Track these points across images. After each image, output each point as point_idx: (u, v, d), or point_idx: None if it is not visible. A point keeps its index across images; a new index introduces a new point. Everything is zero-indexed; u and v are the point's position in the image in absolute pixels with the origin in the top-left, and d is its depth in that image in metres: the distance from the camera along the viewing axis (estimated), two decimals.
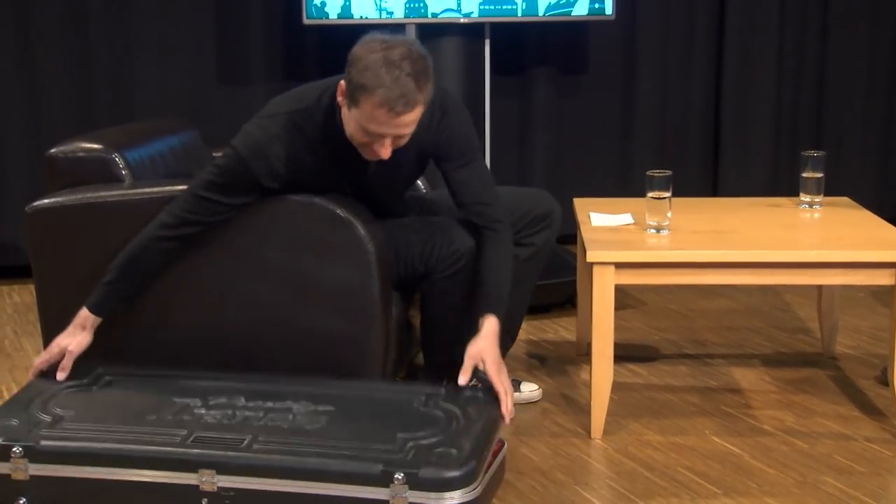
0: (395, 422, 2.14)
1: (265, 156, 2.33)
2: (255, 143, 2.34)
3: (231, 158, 2.36)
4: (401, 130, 2.25)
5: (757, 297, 3.80)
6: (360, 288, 2.40)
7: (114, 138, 2.64)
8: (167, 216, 2.38)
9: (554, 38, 4.37)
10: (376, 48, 2.20)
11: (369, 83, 2.17)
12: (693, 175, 4.56)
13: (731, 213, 2.95)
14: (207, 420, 2.18)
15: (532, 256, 2.68)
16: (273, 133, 2.34)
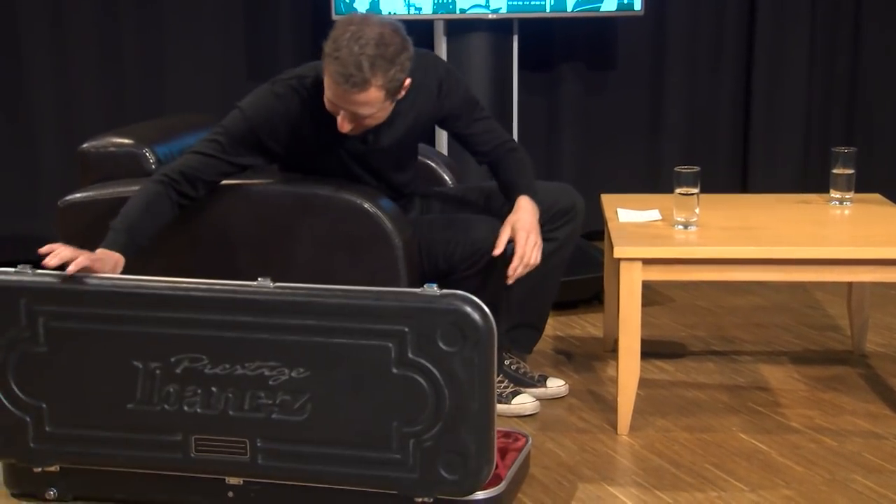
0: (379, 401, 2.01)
1: (269, 116, 2.38)
2: (259, 103, 2.40)
3: (235, 118, 2.40)
4: (356, 108, 2.27)
5: (786, 294, 3.76)
6: (387, 283, 2.40)
7: (144, 133, 2.66)
8: (167, 169, 2.36)
9: (582, 34, 4.35)
10: (354, 21, 2.26)
11: (330, 54, 2.23)
12: (722, 171, 4.53)
13: (760, 209, 2.93)
14: (186, 410, 2.08)
15: (556, 251, 2.68)
16: (279, 94, 2.39)
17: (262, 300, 2.05)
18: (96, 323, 2.10)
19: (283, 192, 2.47)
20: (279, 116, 2.38)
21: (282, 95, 2.39)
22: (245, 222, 2.43)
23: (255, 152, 2.41)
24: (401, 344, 2.01)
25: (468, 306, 1.99)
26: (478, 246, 2.45)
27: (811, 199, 3.04)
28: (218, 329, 2.06)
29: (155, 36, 4.06)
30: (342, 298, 2.04)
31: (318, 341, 2.04)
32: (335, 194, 2.41)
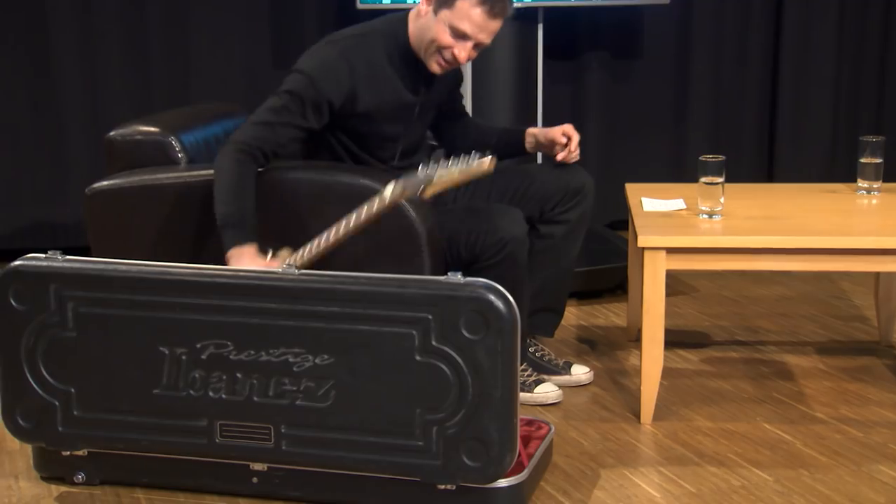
0: (403, 388, 2.03)
1: (334, 72, 2.44)
2: (322, 62, 2.46)
3: (300, 81, 2.43)
4: (486, 37, 2.46)
5: (812, 284, 3.74)
6: (410, 271, 2.40)
7: (170, 122, 2.68)
8: (242, 143, 2.37)
9: (608, 23, 4.33)
10: None
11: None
12: (748, 161, 4.51)
13: (786, 198, 2.91)
14: (212, 395, 2.10)
15: (568, 234, 2.70)
16: (340, 50, 2.47)
17: (286, 287, 2.07)
18: (124, 308, 2.12)
19: (307, 179, 2.48)
20: (343, 74, 2.44)
21: (344, 52, 2.46)
22: (269, 210, 2.44)
23: (322, 112, 2.45)
24: (424, 331, 2.02)
25: (492, 294, 2.00)
26: (500, 235, 2.46)
27: (838, 189, 3.01)
28: (243, 315, 2.08)
29: (181, 25, 4.08)
30: (366, 286, 2.05)
31: (342, 328, 2.05)
32: (358, 181, 2.42)
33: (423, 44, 2.49)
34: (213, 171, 2.38)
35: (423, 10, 2.49)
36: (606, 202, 4.37)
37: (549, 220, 2.68)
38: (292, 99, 2.43)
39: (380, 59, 2.50)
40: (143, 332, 2.12)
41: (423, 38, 2.48)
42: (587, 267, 3.56)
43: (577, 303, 3.54)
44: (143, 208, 2.50)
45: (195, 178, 2.49)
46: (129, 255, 2.47)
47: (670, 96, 4.49)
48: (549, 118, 4.15)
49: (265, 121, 2.43)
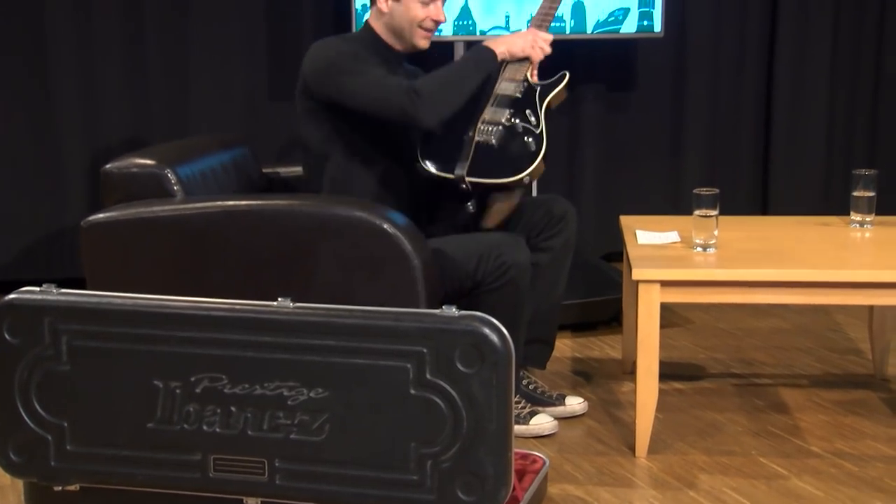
0: (397, 422, 2.03)
1: (343, 46, 2.63)
2: (329, 44, 2.65)
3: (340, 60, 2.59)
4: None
5: (807, 316, 3.75)
6: (405, 303, 2.41)
7: (166, 154, 2.69)
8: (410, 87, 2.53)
9: (603, 55, 4.36)
10: None
11: None
12: (743, 193, 4.53)
13: (780, 231, 2.93)
14: (206, 429, 2.10)
15: (554, 261, 2.73)
16: (337, 41, 2.67)
17: (282, 320, 2.07)
18: (118, 342, 2.12)
19: (302, 212, 2.49)
20: (353, 50, 2.61)
21: (341, 43, 2.65)
22: (265, 243, 2.45)
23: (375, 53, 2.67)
24: (419, 365, 2.02)
25: (486, 328, 2.00)
26: (503, 259, 2.50)
27: (832, 222, 3.03)
28: (238, 349, 2.08)
29: (179, 57, 4.11)
30: (361, 319, 2.06)
31: (336, 362, 2.05)
32: (353, 214, 2.43)
33: (404, 30, 2.67)
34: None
35: (383, 7, 2.66)
36: (601, 234, 4.39)
37: (534, 248, 2.70)
38: (355, 65, 2.58)
39: (368, 53, 2.65)
40: (138, 365, 2.12)
41: (401, 25, 2.66)
42: (582, 299, 3.57)
43: (572, 335, 3.54)
44: (138, 241, 2.51)
45: (190, 210, 2.50)
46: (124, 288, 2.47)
47: (665, 128, 4.51)
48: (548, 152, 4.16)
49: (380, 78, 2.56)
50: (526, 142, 2.55)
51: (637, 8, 3.87)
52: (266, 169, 3.08)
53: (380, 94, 2.54)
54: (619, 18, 3.87)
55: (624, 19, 3.87)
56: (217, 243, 2.48)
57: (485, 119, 2.64)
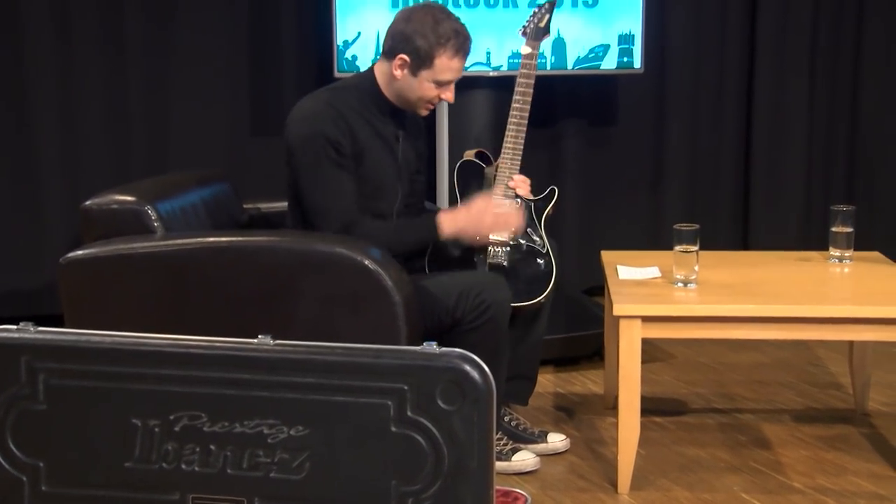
0: (378, 456, 2.01)
1: (328, 116, 2.55)
2: (312, 114, 2.57)
3: (309, 145, 2.53)
4: (461, 72, 2.66)
5: (788, 350, 3.76)
6: (387, 340, 2.41)
7: (147, 190, 2.68)
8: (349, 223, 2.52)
9: (583, 91, 4.40)
10: (417, 17, 2.58)
11: (439, 42, 2.55)
12: (723, 228, 4.56)
13: (760, 266, 2.95)
14: (185, 468, 2.07)
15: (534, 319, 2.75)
16: (323, 100, 2.59)
17: (262, 357, 2.06)
18: (97, 380, 2.10)
19: (283, 248, 2.49)
20: (337, 115, 2.56)
21: (327, 101, 2.59)
22: (245, 279, 2.44)
23: (343, 152, 2.56)
24: (400, 402, 2.01)
25: (467, 364, 2.00)
26: (483, 297, 2.49)
27: (811, 257, 3.05)
28: (218, 386, 2.06)
29: (160, 92, 4.11)
30: (342, 356, 2.05)
31: (317, 399, 2.04)
32: (334, 250, 2.43)
33: (409, 100, 2.64)
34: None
35: (398, 74, 2.60)
36: (583, 269, 4.40)
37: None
38: (324, 161, 2.53)
39: (357, 105, 2.62)
40: (116, 404, 2.10)
41: (408, 97, 2.63)
42: (564, 334, 3.57)
43: (554, 370, 3.55)
44: (117, 278, 2.50)
45: (171, 246, 2.49)
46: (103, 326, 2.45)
47: (645, 163, 4.54)
48: None
49: (331, 197, 2.54)
50: (536, 263, 2.60)
51: (617, 44, 3.91)
52: (247, 204, 3.08)
53: (320, 207, 2.56)
54: (599, 55, 3.91)
55: (604, 55, 3.92)
56: (197, 280, 2.47)
57: None
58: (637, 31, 3.90)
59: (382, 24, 3.67)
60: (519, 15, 3.82)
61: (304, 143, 2.55)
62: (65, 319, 2.55)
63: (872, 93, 4.52)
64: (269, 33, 4.19)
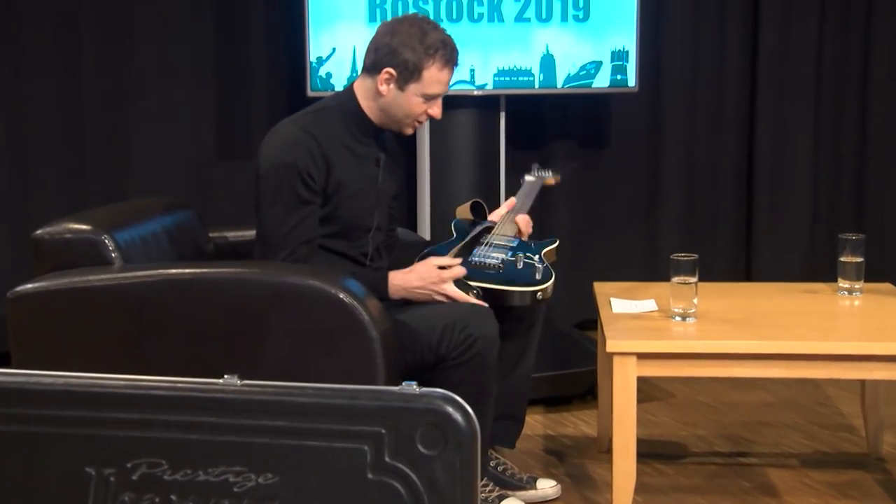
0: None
1: (302, 146, 2.55)
2: (286, 142, 2.57)
3: (278, 175, 2.54)
4: (448, 85, 2.69)
5: (795, 389, 3.77)
6: (363, 378, 2.40)
7: (103, 218, 2.67)
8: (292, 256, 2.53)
9: (574, 111, 4.43)
10: (402, 29, 2.61)
11: (427, 53, 2.58)
12: (724, 258, 4.58)
13: (764, 299, 2.96)
14: None
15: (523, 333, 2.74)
16: (300, 126, 2.60)
17: (228, 399, 2.05)
18: (47, 425, 2.08)
19: (251, 281, 2.48)
20: (313, 145, 2.56)
21: (305, 127, 2.59)
22: (210, 314, 2.43)
23: (311, 187, 2.56)
24: (377, 446, 2.00)
25: (449, 406, 1.99)
26: (469, 331, 2.49)
27: (818, 289, 3.07)
28: (180, 431, 2.05)
29: (118, 113, 4.12)
30: (314, 397, 2.04)
31: (288, 444, 2.03)
32: (307, 282, 2.42)
33: (395, 119, 2.66)
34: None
35: (383, 90, 2.62)
36: (574, 301, 4.41)
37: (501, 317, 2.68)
38: (287, 193, 2.54)
39: (340, 129, 2.63)
40: (68, 451, 2.08)
41: (394, 114, 2.65)
42: (554, 371, 3.58)
43: (545, 410, 3.54)
44: (71, 313, 2.48)
45: (129, 279, 2.48)
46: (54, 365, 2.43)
47: (641, 188, 4.57)
48: None
49: (287, 229, 2.54)
50: (535, 267, 2.59)
51: (610, 61, 3.95)
52: (213, 233, 3.08)
53: (270, 239, 2.57)
54: (590, 72, 3.95)
55: (596, 73, 3.95)
56: (158, 315, 2.46)
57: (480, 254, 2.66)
58: (631, 46, 3.94)
59: (359, 39, 3.71)
60: (505, 30, 3.86)
61: (273, 169, 2.56)
62: (12, 359, 2.53)
63: (882, 112, 4.56)
64: (237, 49, 4.21)
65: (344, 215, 2.62)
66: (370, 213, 2.68)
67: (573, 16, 3.91)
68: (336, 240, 2.64)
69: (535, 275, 2.57)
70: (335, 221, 2.62)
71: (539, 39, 3.89)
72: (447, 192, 3.92)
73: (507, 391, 2.75)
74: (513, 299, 2.57)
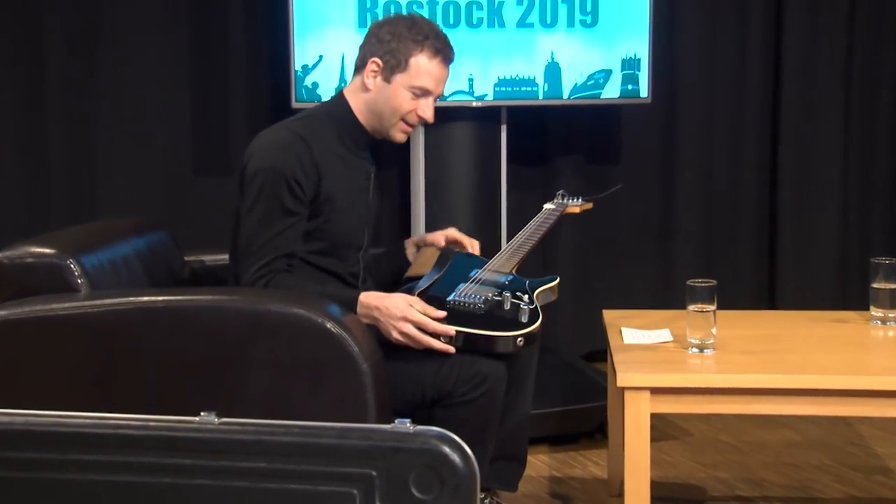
0: None
1: (293, 152, 2.58)
2: (277, 146, 2.60)
3: (267, 178, 2.56)
4: (442, 87, 2.71)
5: (825, 428, 3.78)
6: (352, 415, 2.41)
7: (69, 241, 2.68)
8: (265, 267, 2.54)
9: (581, 124, 4.45)
10: (392, 21, 2.68)
11: (415, 39, 2.62)
12: (745, 283, 4.59)
13: (789, 329, 2.97)
14: None
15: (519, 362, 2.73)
16: (292, 131, 2.63)
17: (205, 439, 2.05)
18: (6, 469, 2.08)
19: (231, 309, 2.49)
20: (303, 152, 2.59)
21: (297, 133, 2.61)
22: (186, 346, 2.44)
23: (298, 195, 2.58)
24: (367, 490, 2.00)
25: (446, 446, 2.00)
26: (478, 368, 2.49)
27: (849, 318, 3.08)
28: (152, 474, 2.05)
29: (85, 127, 4.13)
30: (299, 436, 2.04)
31: (270, 488, 2.03)
32: (291, 311, 2.43)
33: (382, 117, 2.68)
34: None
35: (370, 83, 2.66)
36: (581, 331, 4.42)
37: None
38: (274, 200, 2.55)
39: (331, 139, 2.66)
40: (30, 496, 2.08)
41: (381, 110, 2.67)
42: (560, 406, 3.58)
43: (550, 449, 3.55)
44: (33, 345, 2.49)
45: (97, 308, 2.49)
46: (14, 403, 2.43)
47: (654, 208, 4.58)
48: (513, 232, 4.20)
49: (267, 238, 2.55)
50: (521, 309, 2.54)
51: (620, 70, 3.97)
52: (189, 257, 3.09)
53: (244, 245, 2.59)
54: (599, 82, 3.97)
55: (605, 83, 3.97)
56: (129, 347, 2.46)
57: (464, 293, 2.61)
58: (644, 54, 3.96)
59: (348, 45, 3.74)
60: (506, 36, 3.89)
61: (258, 173, 2.58)
62: None
63: None
64: (215, 57, 4.23)
65: (334, 230, 2.63)
66: (360, 230, 2.69)
67: (580, 21, 3.94)
68: (326, 257, 2.65)
69: (519, 317, 2.53)
70: (324, 237, 2.63)
71: (543, 46, 3.91)
72: (443, 213, 3.93)
73: (506, 429, 2.75)
74: (492, 345, 2.50)
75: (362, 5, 3.83)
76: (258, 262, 2.55)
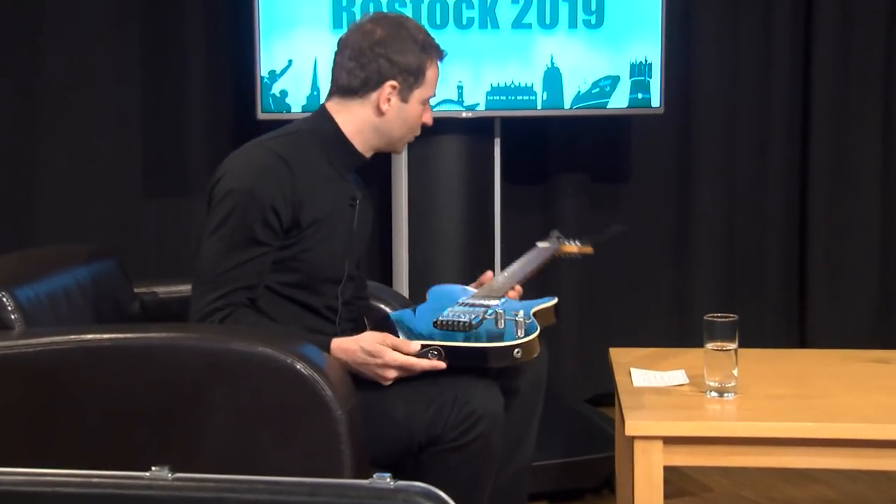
0: None
1: (272, 174, 2.58)
2: (255, 166, 2.60)
3: (240, 202, 2.56)
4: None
5: (862, 483, 3.78)
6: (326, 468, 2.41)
7: (1, 271, 2.68)
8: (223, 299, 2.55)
9: (585, 137, 4.46)
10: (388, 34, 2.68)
11: (424, 50, 2.69)
12: (771, 319, 4.60)
13: (821, 370, 2.98)
14: None
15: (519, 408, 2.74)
16: (273, 150, 2.63)
17: (156, 497, 2.05)
18: None
19: (187, 348, 2.49)
20: (284, 175, 2.59)
21: (278, 153, 2.62)
22: (136, 390, 2.44)
23: (271, 224, 2.59)
24: None
25: (431, 503, 2.01)
26: (472, 408, 2.49)
27: (890, 358, 3.08)
28: None
29: (21, 139, 4.12)
30: (265, 493, 2.04)
31: None
32: (256, 350, 2.43)
33: (392, 135, 2.74)
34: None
35: (386, 108, 2.69)
36: (586, 371, 4.43)
37: None
38: (242, 226, 2.56)
39: (317, 161, 2.68)
40: None
41: (394, 132, 2.74)
42: (562, 458, 3.58)
43: None
44: None
45: (34, 347, 2.48)
46: None
47: (667, 232, 4.59)
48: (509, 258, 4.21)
49: (229, 266, 2.55)
50: (517, 322, 2.56)
51: (629, 76, 3.99)
52: (139, 288, 3.09)
53: (201, 273, 2.60)
54: (605, 90, 3.99)
55: (612, 91, 3.99)
56: (70, 392, 2.46)
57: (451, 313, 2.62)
58: (655, 59, 3.98)
59: (321, 49, 3.75)
60: (500, 38, 3.90)
61: (229, 195, 2.57)
62: None
63: None
64: (168, 63, 4.23)
65: (311, 260, 2.63)
66: (341, 261, 2.70)
67: (584, 21, 3.96)
68: (300, 290, 2.66)
69: (516, 331, 2.55)
70: (300, 267, 2.63)
71: (542, 50, 3.93)
72: (428, 236, 3.94)
73: (504, 482, 2.75)
74: (485, 358, 2.53)
75: (338, 4, 3.83)
76: (214, 293, 2.55)
